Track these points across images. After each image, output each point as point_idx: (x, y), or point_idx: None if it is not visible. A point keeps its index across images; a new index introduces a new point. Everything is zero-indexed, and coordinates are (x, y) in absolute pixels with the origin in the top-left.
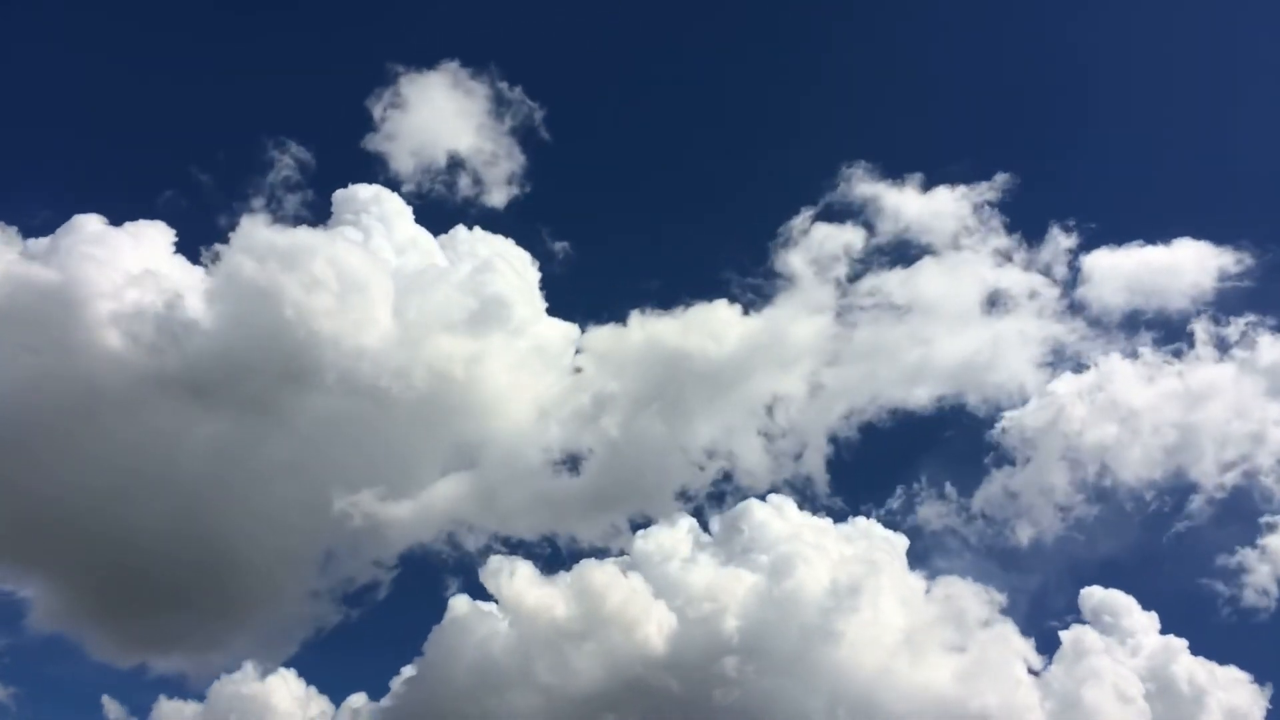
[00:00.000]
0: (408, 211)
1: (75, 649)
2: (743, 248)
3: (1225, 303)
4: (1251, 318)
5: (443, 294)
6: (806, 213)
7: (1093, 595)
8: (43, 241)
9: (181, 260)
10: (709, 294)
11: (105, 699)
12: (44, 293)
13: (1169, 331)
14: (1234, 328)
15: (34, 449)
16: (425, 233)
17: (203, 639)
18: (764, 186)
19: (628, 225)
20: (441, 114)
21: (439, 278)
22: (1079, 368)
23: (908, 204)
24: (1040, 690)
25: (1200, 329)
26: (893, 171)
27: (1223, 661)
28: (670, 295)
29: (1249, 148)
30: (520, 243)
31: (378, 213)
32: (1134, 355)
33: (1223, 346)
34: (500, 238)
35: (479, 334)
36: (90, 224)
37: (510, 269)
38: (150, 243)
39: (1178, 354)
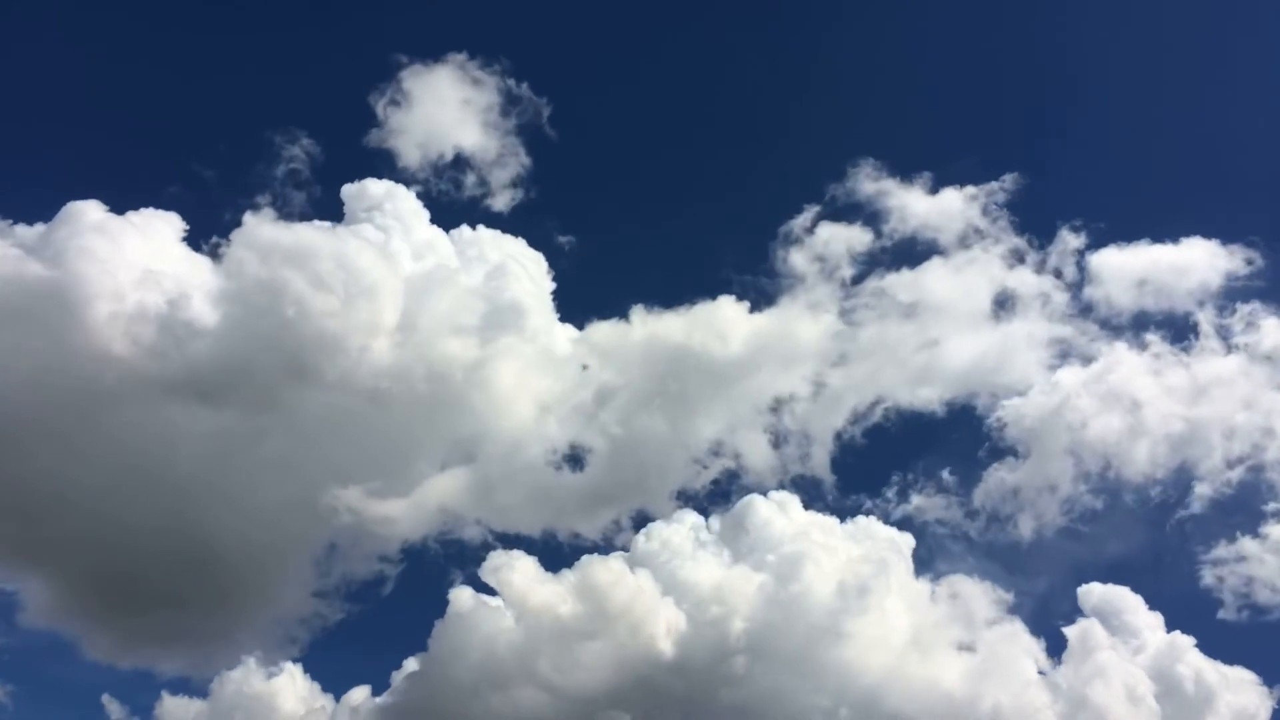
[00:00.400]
0: (424, 212)
1: (74, 648)
2: (747, 246)
3: (1234, 298)
4: (1256, 305)
5: (454, 297)
6: (811, 211)
7: (1093, 593)
8: (40, 228)
9: (186, 250)
10: (713, 291)
11: (105, 698)
12: (40, 283)
13: (1177, 330)
14: (1238, 317)
15: (32, 445)
16: (441, 233)
17: (204, 636)
18: (769, 184)
19: (632, 221)
20: (447, 108)
21: (450, 279)
22: (1086, 362)
23: (915, 204)
24: (1050, 689)
25: (1205, 320)
26: (900, 170)
27: (1230, 661)
28: (674, 292)
29: (1257, 145)
30: (524, 238)
31: (392, 210)
32: (1141, 347)
33: (1226, 336)
34: (511, 238)
35: (489, 338)
36: (91, 211)
37: (525, 273)
38: (156, 234)
39: (1186, 349)
